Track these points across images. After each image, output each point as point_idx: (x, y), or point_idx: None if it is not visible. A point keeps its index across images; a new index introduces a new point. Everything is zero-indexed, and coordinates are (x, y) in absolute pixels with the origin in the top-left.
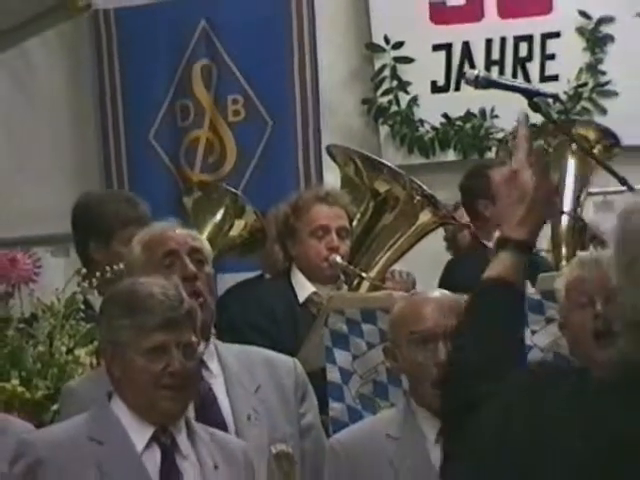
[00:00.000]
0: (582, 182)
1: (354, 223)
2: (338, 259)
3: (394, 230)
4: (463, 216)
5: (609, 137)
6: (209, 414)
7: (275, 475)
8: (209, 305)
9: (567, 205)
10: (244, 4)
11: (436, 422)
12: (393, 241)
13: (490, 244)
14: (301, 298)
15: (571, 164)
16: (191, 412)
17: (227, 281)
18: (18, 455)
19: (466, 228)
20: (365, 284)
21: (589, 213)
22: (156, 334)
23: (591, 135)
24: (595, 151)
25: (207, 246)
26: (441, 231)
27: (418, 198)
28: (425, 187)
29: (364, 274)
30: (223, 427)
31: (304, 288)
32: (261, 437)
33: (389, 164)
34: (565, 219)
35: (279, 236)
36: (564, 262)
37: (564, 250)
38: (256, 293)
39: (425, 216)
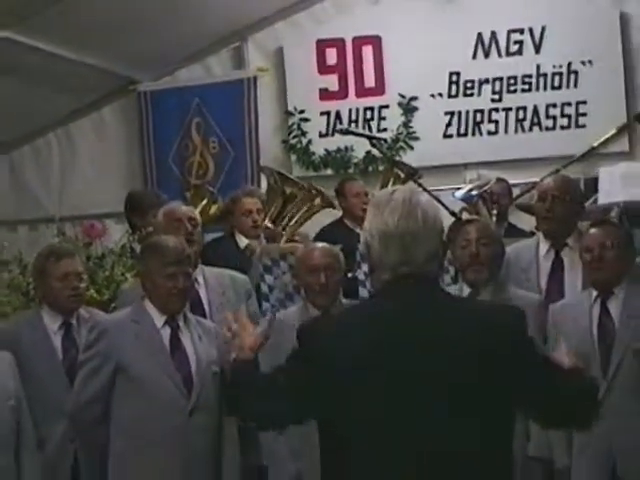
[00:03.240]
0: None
1: (274, 209)
2: (269, 224)
3: (298, 210)
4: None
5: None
6: (196, 307)
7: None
8: (199, 248)
9: None
10: (220, 90)
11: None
12: (298, 216)
13: (348, 222)
14: (241, 246)
15: (391, 181)
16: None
17: (207, 238)
18: (92, 327)
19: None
20: (283, 239)
21: None
22: (170, 267)
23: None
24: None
25: (198, 216)
26: (326, 211)
27: (313, 191)
28: (317, 186)
29: (283, 232)
30: (203, 313)
31: (242, 241)
32: (224, 318)
33: (292, 177)
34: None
35: (225, 215)
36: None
37: None
38: (219, 244)
39: (316, 202)
